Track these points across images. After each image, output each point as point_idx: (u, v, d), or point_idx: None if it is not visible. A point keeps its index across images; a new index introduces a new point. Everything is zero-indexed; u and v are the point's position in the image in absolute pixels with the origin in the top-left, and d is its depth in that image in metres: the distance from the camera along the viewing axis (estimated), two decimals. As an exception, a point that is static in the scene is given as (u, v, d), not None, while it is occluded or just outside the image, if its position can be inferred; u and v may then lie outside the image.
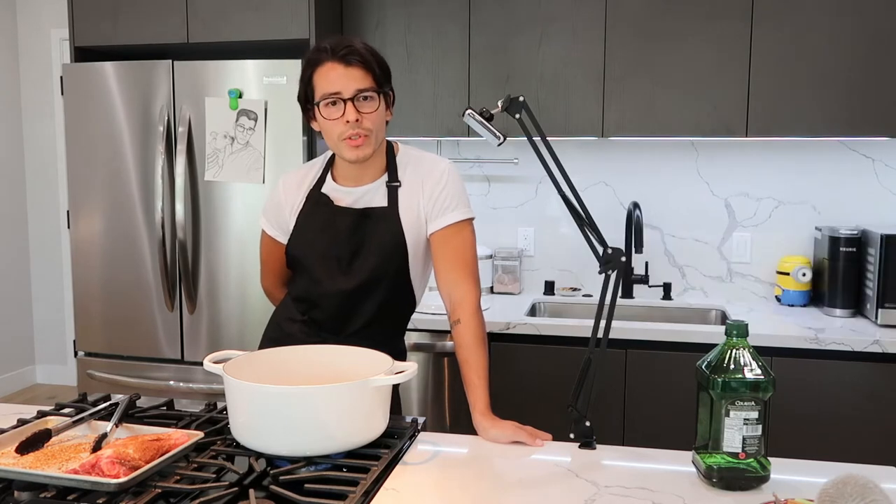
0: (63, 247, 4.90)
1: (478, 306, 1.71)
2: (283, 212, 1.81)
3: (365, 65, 1.64)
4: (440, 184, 1.73)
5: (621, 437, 2.64)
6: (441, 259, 1.73)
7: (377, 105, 1.67)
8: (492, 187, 3.31)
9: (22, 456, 1.30)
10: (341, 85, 1.63)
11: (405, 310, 1.84)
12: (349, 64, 1.63)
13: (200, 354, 2.86)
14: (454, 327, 1.69)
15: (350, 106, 1.62)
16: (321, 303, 1.77)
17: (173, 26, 2.91)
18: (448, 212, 1.72)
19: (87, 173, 2.97)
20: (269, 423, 1.33)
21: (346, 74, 1.63)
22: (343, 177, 1.77)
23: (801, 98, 2.72)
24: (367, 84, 1.64)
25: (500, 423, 1.55)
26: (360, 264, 1.72)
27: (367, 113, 1.65)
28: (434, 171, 1.74)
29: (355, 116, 1.63)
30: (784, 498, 1.21)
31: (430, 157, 1.79)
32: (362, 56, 1.64)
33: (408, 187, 1.73)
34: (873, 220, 2.98)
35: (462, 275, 1.71)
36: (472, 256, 1.75)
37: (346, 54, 1.63)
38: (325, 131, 1.68)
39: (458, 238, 1.73)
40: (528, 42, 2.90)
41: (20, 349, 4.99)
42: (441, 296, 1.74)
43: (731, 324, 1.33)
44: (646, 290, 3.16)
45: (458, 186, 1.75)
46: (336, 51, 1.63)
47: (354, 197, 1.74)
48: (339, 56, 1.63)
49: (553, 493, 1.29)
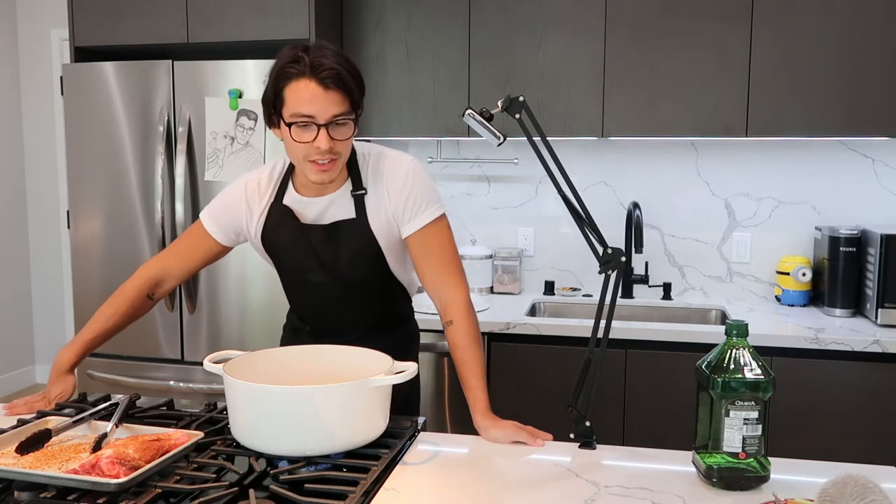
0: (63, 247, 4.90)
1: (468, 305, 1.68)
2: (240, 217, 1.72)
3: (344, 89, 1.51)
4: (406, 185, 1.65)
5: (621, 437, 2.64)
6: (422, 261, 1.69)
7: (350, 131, 1.56)
8: (492, 187, 3.31)
9: (22, 456, 1.30)
10: (316, 109, 1.50)
11: (401, 297, 1.84)
12: (328, 87, 1.49)
13: (200, 354, 2.86)
14: (447, 328, 1.67)
15: (323, 133, 1.51)
16: (313, 310, 1.79)
17: (173, 26, 2.91)
18: (420, 213, 1.66)
19: (87, 173, 2.96)
20: (269, 423, 1.33)
21: (323, 98, 1.49)
22: (304, 186, 1.68)
23: (801, 98, 2.72)
24: (344, 109, 1.52)
25: (501, 423, 1.55)
26: (341, 274, 1.69)
27: (339, 139, 1.54)
28: (397, 172, 1.66)
29: (328, 145, 1.52)
30: (784, 498, 1.21)
31: (391, 156, 1.69)
32: (342, 79, 1.51)
33: (373, 193, 1.66)
34: (873, 220, 2.98)
35: (447, 274, 1.69)
36: (453, 253, 1.71)
37: (326, 77, 1.49)
38: (290, 148, 1.57)
39: (435, 237, 1.68)
40: (528, 42, 2.90)
41: (20, 349, 4.99)
42: (429, 297, 1.72)
43: (731, 324, 1.33)
44: (646, 290, 3.16)
45: (425, 184, 1.68)
46: (315, 69, 1.49)
47: (319, 208, 1.67)
48: (317, 76, 1.49)
49: (553, 493, 1.29)
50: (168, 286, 1.80)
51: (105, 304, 1.75)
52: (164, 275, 1.78)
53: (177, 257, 1.79)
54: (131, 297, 1.76)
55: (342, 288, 1.71)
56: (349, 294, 1.72)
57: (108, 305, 1.75)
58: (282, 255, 1.72)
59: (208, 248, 1.77)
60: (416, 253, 1.70)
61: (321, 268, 1.69)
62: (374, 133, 3.06)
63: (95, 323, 1.73)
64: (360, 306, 1.75)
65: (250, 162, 2.77)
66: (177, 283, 1.81)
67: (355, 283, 1.71)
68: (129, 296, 1.76)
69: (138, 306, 1.77)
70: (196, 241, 1.78)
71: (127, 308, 1.75)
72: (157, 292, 1.79)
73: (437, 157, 3.31)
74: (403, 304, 1.87)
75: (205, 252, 1.78)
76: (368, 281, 1.72)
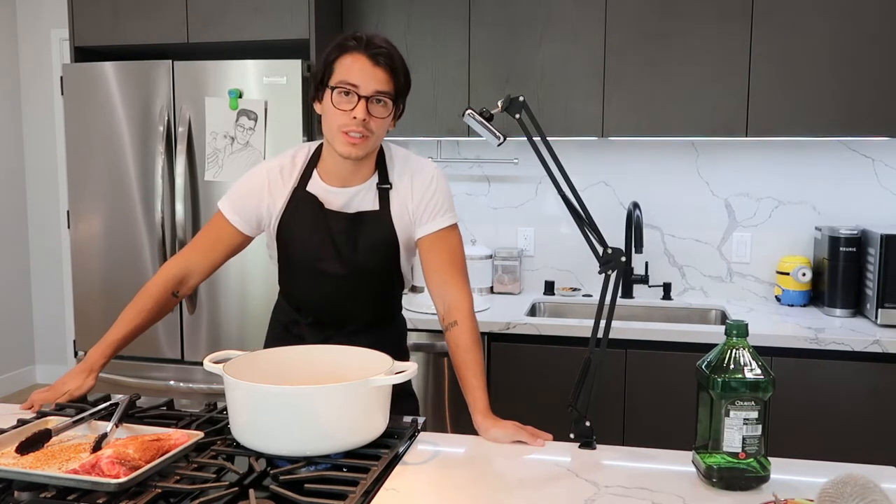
0: (63, 247, 4.90)
1: (472, 308, 1.72)
2: (262, 203, 1.73)
3: (392, 70, 1.60)
4: (430, 188, 1.72)
5: (621, 437, 2.64)
6: (432, 263, 1.73)
7: (388, 112, 1.63)
8: (492, 187, 3.31)
9: (22, 456, 1.30)
10: (362, 80, 1.57)
11: (398, 292, 1.87)
12: (377, 63, 1.58)
13: (200, 354, 2.86)
14: (450, 329, 1.69)
15: (363, 104, 1.58)
16: (318, 301, 1.78)
17: (173, 26, 2.91)
18: (437, 216, 1.72)
19: (87, 173, 2.97)
20: (269, 423, 1.33)
21: (370, 71, 1.58)
22: (331, 176, 1.71)
23: (801, 98, 2.72)
24: (388, 88, 1.60)
25: (502, 423, 1.55)
26: (356, 263, 1.72)
27: (376, 117, 1.60)
28: (423, 174, 1.73)
29: (364, 115, 1.58)
30: (784, 498, 1.21)
31: (416, 159, 1.76)
32: (392, 60, 1.60)
33: (398, 189, 1.72)
34: (873, 220, 2.98)
35: (454, 278, 1.72)
36: (462, 259, 1.76)
37: (377, 53, 1.58)
38: (327, 117, 1.63)
39: (447, 242, 1.73)
40: (528, 42, 2.90)
41: (20, 349, 4.99)
42: (433, 298, 1.75)
43: (731, 324, 1.33)
44: (646, 290, 3.16)
45: (446, 191, 1.75)
46: (369, 45, 1.58)
47: (344, 199, 1.71)
48: (369, 52, 1.58)
49: (553, 493, 1.29)
50: (193, 282, 1.78)
51: (130, 304, 1.73)
52: (187, 271, 1.76)
53: (199, 252, 1.77)
54: (155, 295, 1.74)
55: (354, 278, 1.72)
56: (358, 284, 1.74)
57: (132, 305, 1.73)
58: (296, 241, 1.73)
59: (230, 239, 1.76)
60: (427, 254, 1.73)
61: (337, 256, 1.71)
62: (374, 133, 3.05)
63: (121, 323, 1.71)
64: (366, 297, 1.77)
65: (250, 162, 2.77)
66: (201, 279, 1.79)
67: (367, 273, 1.73)
68: (153, 294, 1.74)
69: (163, 303, 1.75)
70: (217, 233, 1.76)
71: (152, 306, 1.73)
72: (182, 289, 1.77)
73: (437, 157, 3.31)
74: (398, 299, 1.90)
75: (227, 243, 1.76)
76: (379, 272, 1.75)
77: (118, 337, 1.69)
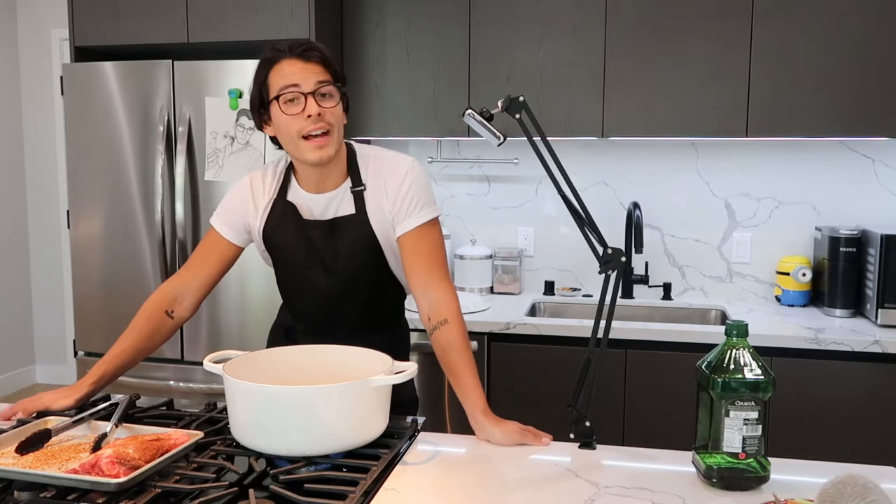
0: (63, 247, 4.90)
1: (459, 306, 1.69)
2: (248, 214, 1.73)
3: (324, 62, 1.61)
4: (404, 185, 1.68)
5: (621, 437, 2.64)
6: (412, 262, 1.69)
7: (336, 101, 1.62)
8: (492, 187, 3.31)
9: (22, 456, 1.30)
10: (301, 78, 1.57)
11: (396, 297, 1.84)
12: (308, 59, 1.59)
13: (200, 354, 2.86)
14: (439, 328, 1.64)
15: (311, 100, 1.57)
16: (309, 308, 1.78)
17: (173, 26, 2.91)
18: (414, 213, 1.68)
19: (87, 173, 2.96)
20: (269, 423, 1.33)
21: (305, 69, 1.58)
22: (305, 183, 1.70)
23: (801, 98, 2.72)
24: (326, 77, 1.60)
25: (504, 424, 1.53)
26: (340, 270, 1.70)
27: (327, 107, 1.59)
28: (396, 171, 1.69)
29: (317, 110, 1.57)
30: (784, 498, 1.21)
31: (391, 156, 1.73)
32: (321, 52, 1.61)
33: (372, 189, 1.69)
34: (873, 220, 2.98)
35: (437, 276, 1.68)
36: (443, 256, 1.72)
37: (304, 51, 1.59)
38: (283, 130, 1.61)
39: (427, 239, 1.69)
40: (528, 42, 2.90)
41: (20, 349, 4.99)
42: (415, 297, 1.70)
43: (731, 324, 1.33)
44: (646, 290, 3.16)
45: (422, 185, 1.70)
46: (293, 48, 1.60)
47: (321, 205, 1.69)
48: (297, 53, 1.59)
49: (553, 493, 1.29)
50: (188, 301, 1.75)
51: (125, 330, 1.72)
52: (180, 290, 1.74)
53: (192, 269, 1.76)
54: (147, 312, 1.72)
55: (340, 284, 1.71)
56: (346, 291, 1.72)
57: (126, 329, 1.71)
58: (283, 251, 1.73)
59: (222, 252, 1.76)
60: (407, 253, 1.70)
61: (321, 264, 1.70)
62: (374, 133, 3.06)
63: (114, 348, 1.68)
64: (356, 304, 1.75)
65: (250, 162, 2.77)
66: (197, 297, 1.76)
67: (353, 278, 1.71)
68: (145, 312, 1.72)
69: (156, 323, 1.72)
70: (209, 247, 1.77)
71: (143, 324, 1.71)
72: (178, 309, 1.74)
73: (437, 157, 3.31)
74: (397, 303, 1.87)
75: (219, 257, 1.76)
76: (366, 277, 1.72)
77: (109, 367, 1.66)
